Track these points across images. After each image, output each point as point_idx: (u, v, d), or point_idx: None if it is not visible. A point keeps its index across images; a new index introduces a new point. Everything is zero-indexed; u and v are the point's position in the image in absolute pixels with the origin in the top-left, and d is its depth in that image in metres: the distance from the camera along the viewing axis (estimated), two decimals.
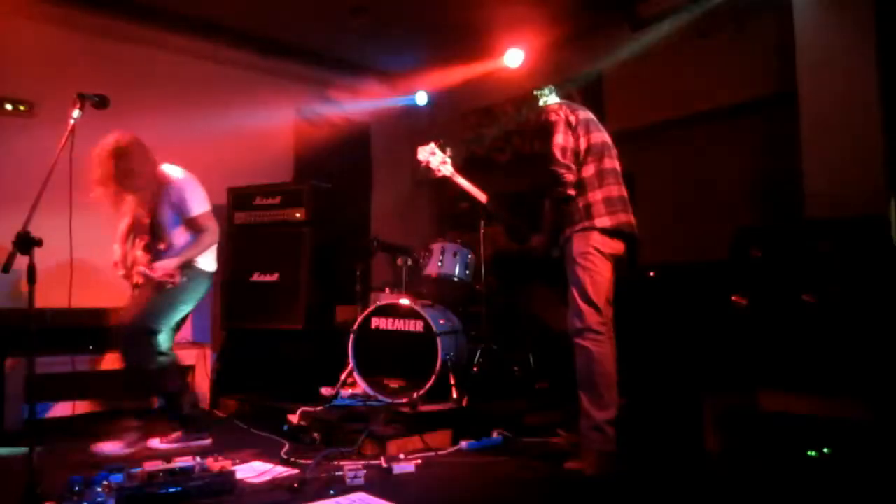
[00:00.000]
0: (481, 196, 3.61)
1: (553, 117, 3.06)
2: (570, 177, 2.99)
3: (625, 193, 3.08)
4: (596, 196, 3.00)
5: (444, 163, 3.71)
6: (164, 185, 3.46)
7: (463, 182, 3.67)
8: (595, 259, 2.94)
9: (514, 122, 5.93)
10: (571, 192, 3.01)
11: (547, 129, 3.05)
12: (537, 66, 5.50)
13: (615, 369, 2.93)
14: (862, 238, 3.17)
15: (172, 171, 3.51)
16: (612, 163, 3.10)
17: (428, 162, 3.71)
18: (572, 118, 3.07)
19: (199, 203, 3.48)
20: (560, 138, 3.01)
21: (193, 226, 3.47)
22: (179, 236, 3.49)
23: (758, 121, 4.41)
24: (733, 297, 3.34)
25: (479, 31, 5.32)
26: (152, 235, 3.51)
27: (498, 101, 6.10)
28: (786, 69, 4.02)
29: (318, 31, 5.54)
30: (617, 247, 3.01)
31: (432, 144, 3.74)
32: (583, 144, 3.04)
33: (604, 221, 2.96)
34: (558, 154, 2.99)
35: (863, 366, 2.80)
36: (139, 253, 3.45)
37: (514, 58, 5.61)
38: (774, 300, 3.21)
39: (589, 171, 3.03)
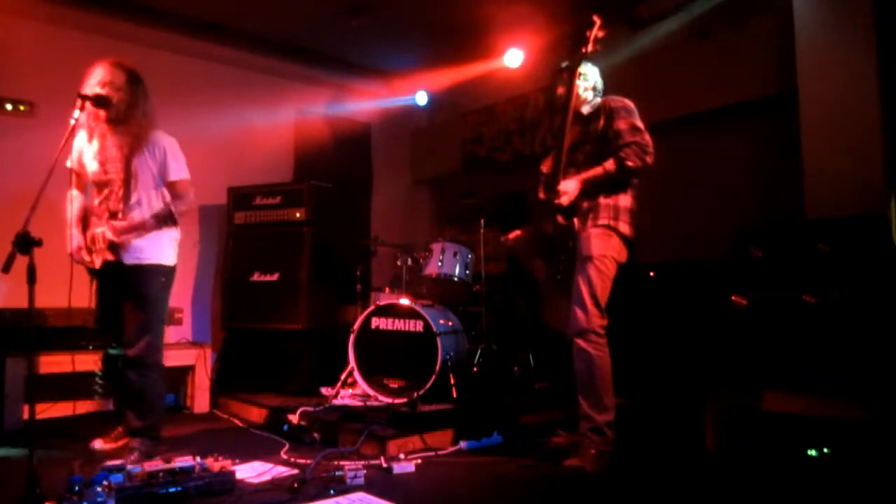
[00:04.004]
0: None
1: (631, 106, 3.07)
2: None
3: None
4: (627, 201, 3.05)
5: None
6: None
7: None
8: (609, 264, 2.99)
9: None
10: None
11: (627, 110, 3.05)
12: (537, 66, 5.51)
13: (611, 372, 2.96)
14: (862, 238, 3.17)
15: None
16: None
17: None
18: None
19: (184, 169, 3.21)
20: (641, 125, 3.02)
21: (172, 191, 3.19)
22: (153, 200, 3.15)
23: (758, 121, 4.40)
24: (733, 297, 3.34)
25: (479, 31, 5.32)
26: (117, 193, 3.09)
27: (498, 101, 6.09)
28: (786, 69, 4.01)
29: (317, 31, 5.54)
30: (625, 255, 3.07)
31: None
32: None
33: (625, 228, 3.02)
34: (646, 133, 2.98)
35: (863, 366, 2.80)
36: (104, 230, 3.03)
37: (514, 58, 5.61)
38: (775, 300, 3.21)
39: None
